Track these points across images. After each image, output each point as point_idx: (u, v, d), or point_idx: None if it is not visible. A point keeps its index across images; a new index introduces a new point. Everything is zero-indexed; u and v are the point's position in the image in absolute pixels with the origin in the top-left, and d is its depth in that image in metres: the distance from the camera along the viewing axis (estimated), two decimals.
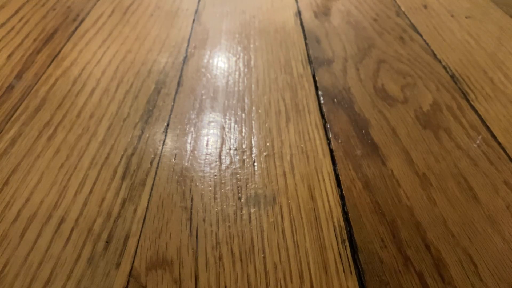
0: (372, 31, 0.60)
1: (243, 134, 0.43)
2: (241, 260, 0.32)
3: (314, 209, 0.36)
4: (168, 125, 0.45)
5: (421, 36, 0.59)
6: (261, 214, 0.35)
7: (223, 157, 0.41)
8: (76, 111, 0.46)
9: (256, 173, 0.39)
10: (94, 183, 0.38)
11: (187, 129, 0.44)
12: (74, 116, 0.45)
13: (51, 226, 0.34)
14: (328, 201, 0.36)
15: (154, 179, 0.38)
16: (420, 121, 0.44)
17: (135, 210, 0.36)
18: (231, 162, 0.40)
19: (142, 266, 0.32)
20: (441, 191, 0.37)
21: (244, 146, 0.42)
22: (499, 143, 0.41)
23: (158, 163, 0.40)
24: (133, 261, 0.32)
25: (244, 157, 0.41)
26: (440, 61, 0.53)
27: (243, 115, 0.46)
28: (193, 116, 0.46)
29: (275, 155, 0.41)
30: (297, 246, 0.33)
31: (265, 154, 0.41)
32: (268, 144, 0.42)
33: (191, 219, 0.35)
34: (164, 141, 0.43)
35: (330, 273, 0.31)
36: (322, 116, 0.45)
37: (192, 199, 0.37)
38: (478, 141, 0.42)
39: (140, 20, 0.64)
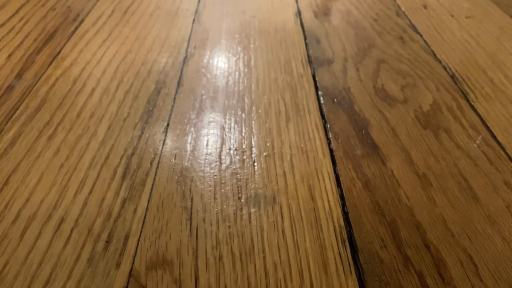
0: (372, 31, 0.60)
1: (243, 134, 0.43)
2: (241, 260, 0.32)
3: (314, 209, 0.36)
4: (168, 125, 0.45)
5: (421, 36, 0.59)
6: (261, 214, 0.35)
7: (223, 157, 0.41)
8: (76, 111, 0.46)
9: (256, 173, 0.39)
10: (94, 183, 0.38)
11: (187, 129, 0.44)
12: (74, 116, 0.45)
13: (51, 226, 0.34)
14: (328, 201, 0.36)
15: (154, 179, 0.38)
16: (420, 121, 0.44)
17: (135, 210, 0.36)
18: (231, 162, 0.40)
19: (142, 266, 0.32)
20: (441, 191, 0.37)
21: (244, 146, 0.42)
22: (499, 143, 0.41)
23: (158, 163, 0.40)
24: (133, 261, 0.32)
25: (244, 157, 0.41)
26: (440, 61, 0.53)
27: (243, 115, 0.46)
28: (193, 116, 0.46)
29: (275, 155, 0.41)
30: (297, 246, 0.33)
31: (265, 154, 0.41)
32: (268, 144, 0.42)
33: (191, 219, 0.35)
34: (164, 141, 0.43)
35: (330, 273, 0.31)
36: (322, 116, 0.45)
37: (192, 199, 0.37)
38: (478, 141, 0.42)
39: (140, 20, 0.64)
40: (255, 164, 0.40)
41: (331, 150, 0.41)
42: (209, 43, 0.59)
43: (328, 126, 0.44)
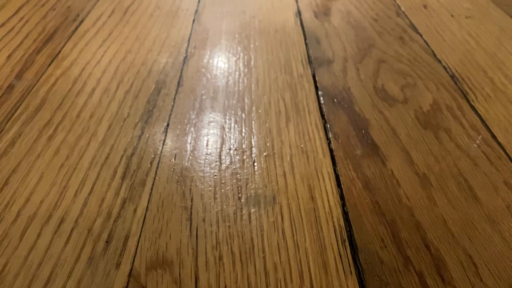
0: (372, 31, 0.60)
1: (243, 134, 0.43)
2: (241, 260, 0.32)
3: (314, 209, 0.36)
4: (168, 125, 0.45)
5: (421, 36, 0.59)
6: (261, 214, 0.35)
7: (223, 157, 0.41)
8: (76, 111, 0.46)
9: (256, 173, 0.39)
10: (94, 183, 0.38)
11: (187, 129, 0.44)
12: (74, 116, 0.46)
13: (51, 226, 0.34)
14: (328, 201, 0.36)
15: (154, 179, 0.38)
16: (420, 121, 0.44)
17: (135, 210, 0.36)
18: (231, 162, 0.40)
19: (142, 266, 0.32)
20: (441, 191, 0.37)
21: (244, 146, 0.42)
22: (499, 143, 0.41)
23: (158, 163, 0.40)
24: (133, 261, 0.32)
25: (244, 157, 0.41)
26: (440, 61, 0.53)
27: (243, 115, 0.46)
28: (193, 116, 0.46)
29: (275, 155, 0.41)
30: (297, 246, 0.33)
31: (265, 154, 0.41)
32: (268, 144, 0.42)
33: (191, 219, 0.35)
34: (164, 141, 0.43)
35: (330, 273, 0.31)
36: (322, 116, 0.45)
37: (192, 199, 0.37)
38: (478, 141, 0.42)
39: (140, 20, 0.64)
40: (255, 164, 0.40)
41: (331, 150, 0.41)
42: (209, 43, 0.59)
43: (328, 126, 0.44)
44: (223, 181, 0.38)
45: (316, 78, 0.51)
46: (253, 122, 0.45)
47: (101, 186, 0.38)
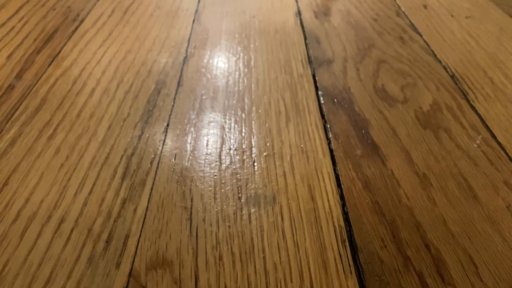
0: (372, 31, 0.60)
1: (243, 134, 0.43)
2: (241, 260, 0.32)
3: (314, 209, 0.36)
4: (168, 125, 0.45)
5: (421, 36, 0.59)
6: (261, 214, 0.35)
7: (223, 157, 0.41)
8: (76, 111, 0.46)
9: (256, 173, 0.39)
10: (94, 183, 0.38)
11: (187, 129, 0.44)
12: (74, 116, 0.46)
13: (51, 226, 0.34)
14: (328, 201, 0.36)
15: (154, 179, 0.38)
16: (420, 121, 0.44)
17: (135, 210, 0.36)
18: (231, 162, 0.40)
19: (142, 266, 0.32)
20: (441, 191, 0.37)
21: (244, 146, 0.42)
22: (499, 143, 0.41)
23: (158, 163, 0.40)
24: (133, 261, 0.32)
25: (244, 157, 0.41)
26: (440, 61, 0.53)
27: (243, 115, 0.46)
28: (193, 116, 0.46)
29: (275, 155, 0.41)
30: (297, 246, 0.33)
31: (265, 154, 0.41)
32: (268, 144, 0.42)
33: (191, 219, 0.35)
34: (164, 141, 0.43)
35: (330, 273, 0.31)
36: (322, 116, 0.45)
37: (192, 199, 0.37)
38: (478, 141, 0.42)
39: (140, 20, 0.64)
40: (255, 164, 0.40)
41: (331, 150, 0.41)
42: (209, 43, 0.59)
43: (328, 126, 0.44)
44: (223, 181, 0.38)
45: (316, 78, 0.51)
46: (253, 122, 0.45)
47: (101, 186, 0.38)
